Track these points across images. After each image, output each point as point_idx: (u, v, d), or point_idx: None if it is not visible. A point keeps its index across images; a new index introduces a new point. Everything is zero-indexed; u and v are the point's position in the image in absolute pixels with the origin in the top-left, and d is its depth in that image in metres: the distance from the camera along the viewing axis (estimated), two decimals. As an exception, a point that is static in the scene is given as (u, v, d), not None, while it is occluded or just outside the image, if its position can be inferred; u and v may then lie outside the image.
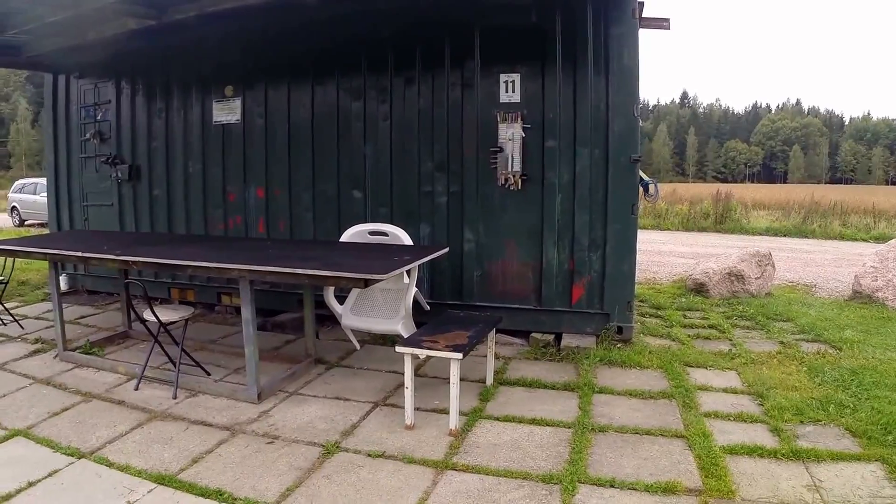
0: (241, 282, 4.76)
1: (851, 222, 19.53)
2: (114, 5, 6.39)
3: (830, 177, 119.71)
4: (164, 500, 3.52)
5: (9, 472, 3.82)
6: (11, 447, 4.23)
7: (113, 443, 4.27)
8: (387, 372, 5.63)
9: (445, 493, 3.53)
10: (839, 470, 3.70)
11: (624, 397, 4.95)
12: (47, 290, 9.58)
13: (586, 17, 5.99)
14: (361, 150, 6.90)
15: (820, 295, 9.19)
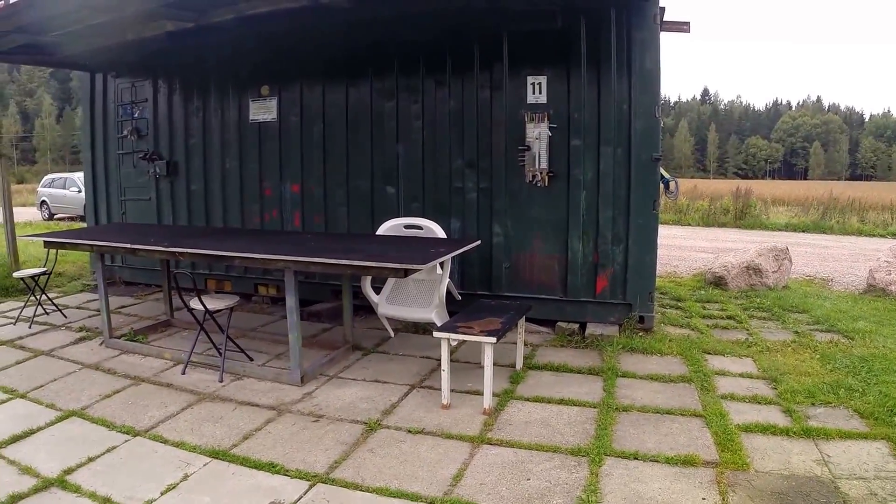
0: (286, 272, 5.14)
1: (869, 218, 19.66)
2: (157, 9, 6.76)
3: (850, 173, 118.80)
4: (219, 471, 3.89)
5: (69, 449, 4.19)
6: (68, 426, 4.62)
7: (165, 422, 4.66)
8: (420, 357, 6.01)
9: (482, 463, 3.89)
10: (847, 447, 4.01)
11: (645, 381, 5.29)
12: (84, 281, 10.07)
13: (610, 23, 6.31)
14: (394, 148, 7.28)
15: (836, 289, 9.45)
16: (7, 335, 7.07)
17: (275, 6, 6.52)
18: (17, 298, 9.05)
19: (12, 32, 7.15)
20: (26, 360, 6.23)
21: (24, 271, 8.07)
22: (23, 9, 6.06)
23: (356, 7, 6.43)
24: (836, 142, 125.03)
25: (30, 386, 5.44)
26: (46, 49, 8.45)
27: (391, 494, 3.54)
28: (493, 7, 6.54)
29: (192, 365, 5.81)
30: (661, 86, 6.37)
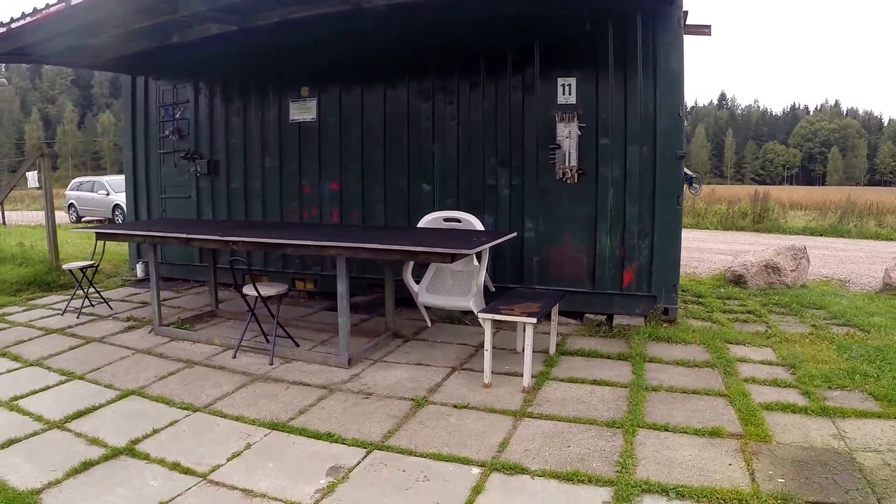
0: (338, 259, 5.56)
1: (887, 222, 19.88)
2: (206, 12, 7.21)
3: (869, 179, 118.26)
4: (280, 441, 4.28)
5: (132, 423, 4.59)
6: (128, 404, 5.02)
7: (222, 399, 5.07)
8: (458, 344, 6.42)
9: (525, 433, 4.29)
10: (862, 424, 4.37)
11: (671, 366, 5.67)
12: (123, 277, 10.52)
13: (636, 27, 6.70)
14: (430, 147, 7.71)
15: (852, 289, 9.75)
16: (57, 324, 7.51)
17: (317, 10, 6.96)
18: (59, 293, 9.53)
19: (66, 33, 7.57)
20: (79, 346, 6.66)
21: (73, 264, 8.52)
22: (83, 10, 6.43)
23: (394, 12, 6.89)
24: (855, 147, 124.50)
25: (86, 369, 5.86)
26: (93, 51, 8.91)
27: (444, 459, 3.93)
28: (525, 13, 6.95)
29: (241, 350, 6.22)
30: (684, 86, 6.76)
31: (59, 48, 8.30)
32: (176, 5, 6.84)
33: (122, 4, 6.64)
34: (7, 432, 4.38)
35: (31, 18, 6.85)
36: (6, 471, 3.82)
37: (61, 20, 6.76)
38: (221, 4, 6.82)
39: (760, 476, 3.62)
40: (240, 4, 6.83)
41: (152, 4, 6.79)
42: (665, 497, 3.41)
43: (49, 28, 7.01)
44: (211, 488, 3.64)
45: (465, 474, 3.72)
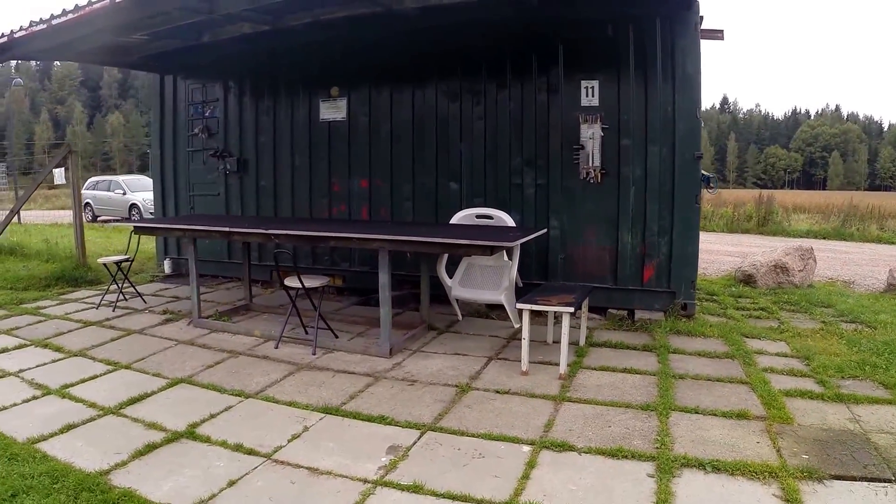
0: (380, 251, 5.92)
1: (889, 226, 20.35)
2: (242, 13, 7.57)
3: (869, 184, 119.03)
4: (335, 424, 4.63)
5: (187, 408, 4.88)
6: (179, 391, 5.35)
7: (272, 386, 5.41)
8: (489, 336, 6.82)
9: (567, 415, 4.68)
10: (874, 409, 4.76)
11: (694, 356, 6.06)
12: (152, 273, 10.86)
13: (655, 31, 7.08)
14: (458, 147, 8.10)
15: (857, 290, 10.16)
16: (94, 317, 7.86)
17: (349, 12, 7.36)
18: (88, 288, 9.92)
19: (106, 31, 7.78)
20: (120, 337, 7.01)
21: (108, 258, 8.86)
22: (129, 7, 6.72)
23: (422, 14, 7.28)
24: (855, 151, 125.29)
25: (131, 359, 6.18)
26: (123, 50, 9.26)
27: (495, 438, 4.30)
28: (550, 17, 7.34)
29: (283, 341, 6.57)
30: (701, 89, 7.16)
31: (94, 46, 8.63)
32: (214, 4, 7.18)
33: (166, 3, 6.95)
34: (64, 418, 4.66)
35: (74, 15, 7.06)
36: (70, 454, 4.07)
37: (105, 16, 6.97)
38: (259, 5, 7.17)
39: (786, 453, 4.00)
40: (276, 5, 7.19)
41: (193, 4, 7.12)
42: (702, 471, 3.79)
43: (92, 24, 7.24)
44: (277, 467, 3.95)
45: (517, 452, 4.09)
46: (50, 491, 3.59)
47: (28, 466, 3.87)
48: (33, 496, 3.53)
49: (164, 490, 3.65)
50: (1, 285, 10.01)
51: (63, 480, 3.70)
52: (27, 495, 3.54)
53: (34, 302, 8.82)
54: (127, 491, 3.61)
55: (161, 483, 3.73)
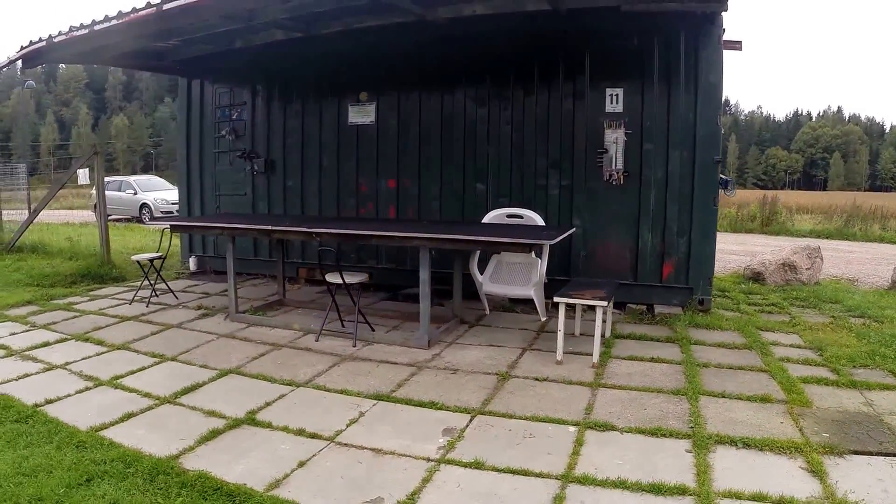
0: (421, 249, 6.37)
1: (891, 226, 20.98)
2: (279, 21, 8.01)
3: (870, 185, 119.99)
4: (388, 409, 5.04)
5: (242, 397, 5.22)
6: (230, 381, 5.69)
7: (320, 376, 5.81)
8: (519, 329, 7.29)
9: (605, 400, 5.15)
10: (886, 395, 5.24)
11: (714, 347, 6.55)
12: (176, 270, 11.29)
13: (679, 43, 7.56)
14: (485, 150, 8.57)
15: (862, 287, 10.68)
16: (129, 312, 8.28)
17: (382, 21, 7.80)
18: (115, 284, 10.34)
19: (143, 37, 8.22)
20: (160, 331, 7.41)
21: (142, 255, 9.31)
22: (175, 14, 6.99)
23: (453, 24, 7.76)
24: (857, 153, 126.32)
25: (175, 351, 6.53)
26: (155, 55, 9.70)
27: (541, 420, 4.75)
28: (577, 27, 7.81)
29: (322, 334, 7.00)
30: (722, 97, 7.66)
31: (128, 50, 9.07)
32: (254, 14, 7.64)
33: (209, 11, 7.38)
34: (122, 407, 4.97)
35: (118, 21, 7.37)
36: (135, 441, 4.33)
37: (149, 23, 7.30)
38: (297, 14, 7.61)
39: (808, 431, 4.48)
40: (312, 14, 7.65)
41: (233, 12, 7.56)
42: (734, 447, 4.27)
43: (135, 30, 7.58)
44: (341, 449, 4.33)
45: (564, 432, 4.55)
46: (125, 475, 3.87)
47: (98, 453, 4.14)
48: (109, 480, 3.80)
49: (236, 472, 3.93)
50: (28, 282, 10.45)
51: (136, 465, 3.98)
52: (102, 480, 3.81)
53: (64, 298, 9.21)
54: (201, 473, 3.87)
55: (232, 465, 4.02)
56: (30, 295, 9.29)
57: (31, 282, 10.47)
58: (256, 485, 3.77)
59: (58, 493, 3.63)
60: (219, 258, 10.67)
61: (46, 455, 4.13)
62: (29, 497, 3.59)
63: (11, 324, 7.69)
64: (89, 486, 3.73)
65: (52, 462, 4.02)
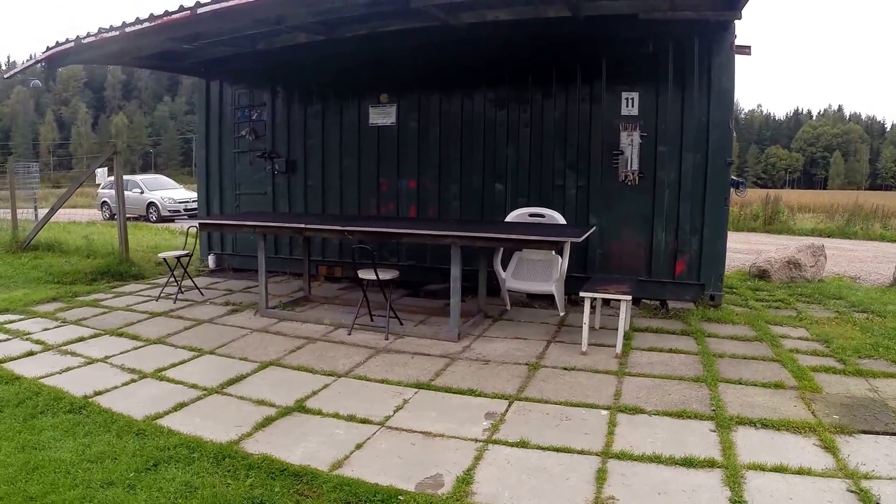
0: (452, 247, 6.85)
1: (892, 225, 21.67)
2: (308, 24, 8.47)
3: (871, 184, 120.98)
4: (430, 397, 5.49)
5: (287, 387, 5.60)
6: (272, 373, 6.04)
7: (359, 367, 6.24)
8: (540, 323, 7.80)
9: (630, 386, 5.64)
10: (890, 382, 5.74)
11: (727, 340, 7.06)
12: (195, 268, 11.66)
13: (693, 49, 8.07)
14: (504, 151, 9.08)
15: (864, 284, 11.21)
16: (158, 308, 8.69)
17: (407, 25, 8.26)
18: (135, 282, 10.76)
19: (172, 39, 8.67)
20: (192, 326, 7.81)
21: (168, 253, 9.76)
22: (207, 18, 7.42)
23: (474, 28, 8.24)
24: (857, 151, 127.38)
25: (212, 345, 6.91)
26: (177, 56, 10.14)
27: (574, 405, 5.24)
28: (595, 33, 8.29)
29: (354, 328, 7.44)
30: (734, 102, 8.18)
31: (153, 52, 9.53)
32: (283, 17, 8.08)
33: (242, 16, 7.78)
34: (172, 398, 5.31)
35: (149, 24, 7.78)
36: (192, 429, 4.66)
37: (178, 26, 7.77)
38: (326, 18, 8.07)
39: (819, 413, 4.99)
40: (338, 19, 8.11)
41: (264, 17, 8.00)
42: (753, 427, 4.76)
43: (165, 32, 8.08)
44: (393, 432, 4.73)
45: (597, 415, 5.04)
46: (191, 459, 4.18)
47: (159, 440, 4.47)
48: (175, 465, 4.11)
49: (298, 454, 4.27)
50: (48, 279, 10.89)
51: (199, 450, 4.29)
52: (168, 464, 4.11)
53: (88, 295, 9.60)
54: (265, 456, 4.21)
55: (293, 448, 4.36)
56: (53, 292, 9.66)
57: (52, 279, 10.90)
58: (320, 465, 4.14)
59: (128, 477, 3.95)
60: (237, 256, 11.15)
61: (108, 443, 4.46)
62: (100, 482, 3.90)
63: (42, 320, 8.07)
64: (157, 471, 4.05)
65: (115, 449, 4.35)
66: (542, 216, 8.22)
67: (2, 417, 4.92)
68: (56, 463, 4.15)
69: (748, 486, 3.86)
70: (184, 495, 3.77)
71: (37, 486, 3.85)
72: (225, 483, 3.90)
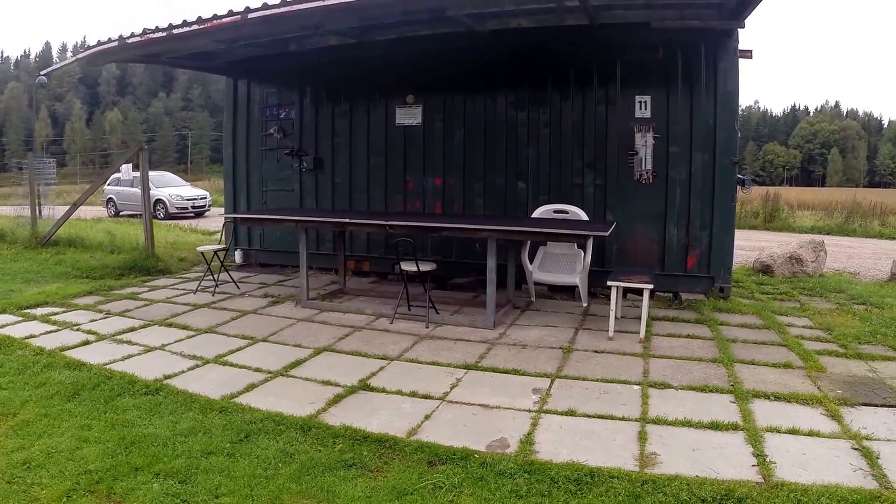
0: (489, 240, 7.62)
1: (890, 222, 22.64)
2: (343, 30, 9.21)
3: (869, 181, 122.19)
4: (479, 376, 6.24)
5: (345, 369, 6.25)
6: (327, 358, 6.70)
7: (408, 352, 6.93)
8: (566, 313, 8.62)
9: (656, 367, 6.45)
10: (887, 364, 6.57)
11: (738, 327, 7.90)
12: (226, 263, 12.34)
13: (700, 54, 8.90)
14: (525, 150, 9.90)
15: (863, 279, 12.07)
16: (199, 300, 9.35)
17: (435, 31, 9.05)
18: (166, 276, 11.47)
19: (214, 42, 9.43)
20: (238, 317, 8.42)
21: (206, 247, 10.48)
22: (254, 23, 8.08)
23: (498, 35, 9.05)
24: (855, 148, 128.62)
25: (263, 334, 7.55)
26: (209, 57, 10.88)
27: (609, 381, 6.04)
28: (609, 39, 9.13)
29: (395, 318, 8.17)
30: (738, 104, 9.02)
31: (189, 52, 10.27)
32: (323, 23, 8.82)
33: (289, 22, 8.41)
34: (241, 380, 5.92)
35: (197, 27, 8.44)
36: (270, 405, 5.26)
37: (225, 30, 8.45)
38: (363, 24, 8.84)
39: (825, 389, 5.81)
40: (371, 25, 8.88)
41: (310, 23, 8.73)
42: (767, 399, 5.58)
43: (210, 36, 8.78)
44: (454, 405, 5.38)
45: (631, 389, 5.85)
46: (278, 431, 4.78)
47: (243, 416, 5.07)
48: (265, 436, 4.69)
49: (374, 425, 4.91)
50: (76, 274, 11.52)
51: (285, 423, 4.90)
52: (259, 436, 4.69)
53: (122, 289, 10.26)
54: (346, 426, 4.83)
55: (368, 420, 5.00)
56: (86, 286, 10.26)
57: (80, 274, 11.52)
58: (397, 433, 4.79)
59: (225, 447, 4.53)
60: (263, 251, 11.92)
61: (194, 419, 5.03)
62: (200, 451, 4.46)
63: (85, 312, 8.58)
64: (250, 441, 4.64)
65: (204, 424, 4.92)
66: (566, 212, 9.04)
67: (83, 399, 5.48)
68: (151, 438, 4.71)
69: (767, 444, 4.66)
70: (282, 460, 4.39)
71: (140, 458, 4.40)
72: (316, 449, 4.54)
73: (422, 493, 3.99)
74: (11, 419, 5.11)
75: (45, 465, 4.35)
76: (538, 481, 4.10)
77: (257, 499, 3.95)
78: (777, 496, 3.89)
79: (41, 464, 4.36)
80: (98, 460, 4.41)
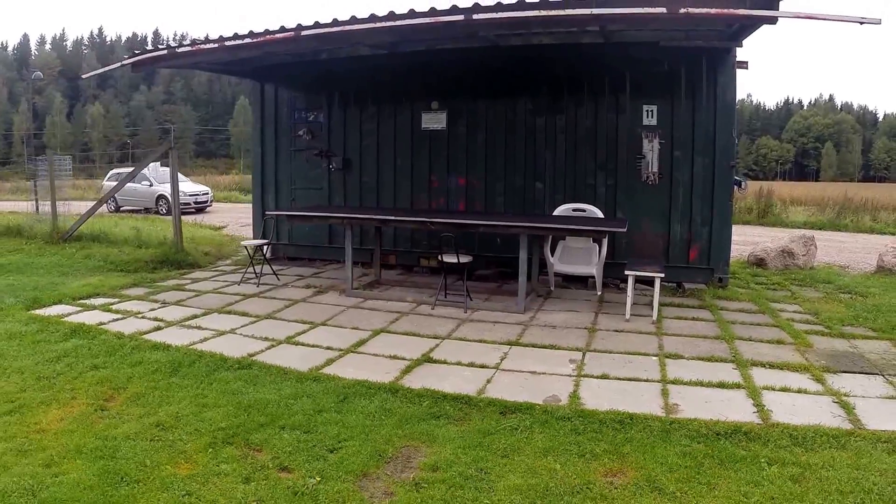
0: (521, 236, 8.98)
1: (882, 218, 24.20)
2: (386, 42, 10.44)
3: (863, 175, 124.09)
4: (521, 350, 7.52)
5: (404, 347, 7.39)
6: (385, 338, 7.84)
7: (455, 332, 8.12)
8: (584, 300, 10.04)
9: (669, 343, 7.85)
10: (866, 342, 7.99)
11: (736, 312, 9.37)
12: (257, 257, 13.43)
13: (702, 69, 10.34)
14: (542, 153, 11.33)
15: (851, 272, 13.53)
16: (248, 291, 10.41)
17: (461, 45, 10.38)
18: (201, 270, 12.62)
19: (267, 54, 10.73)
20: (291, 305, 9.52)
21: (250, 241, 11.78)
22: (307, 38, 9.35)
23: (520, 48, 10.43)
24: (849, 142, 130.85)
25: (320, 319, 8.66)
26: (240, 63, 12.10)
27: (632, 353, 7.41)
28: (620, 54, 10.57)
29: (436, 304, 9.48)
30: (736, 112, 10.49)
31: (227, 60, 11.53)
32: (364, 41, 10.15)
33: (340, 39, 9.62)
34: (318, 356, 6.98)
35: (251, 40, 9.60)
36: (353, 375, 6.32)
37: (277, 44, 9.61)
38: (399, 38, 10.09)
39: (811, 360, 7.23)
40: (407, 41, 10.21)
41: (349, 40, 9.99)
42: (763, 367, 6.98)
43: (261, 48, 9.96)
44: (507, 373, 6.60)
45: (649, 360, 7.26)
46: (370, 394, 5.87)
47: (334, 383, 6.11)
48: (360, 398, 5.75)
49: (447, 387, 6.03)
50: (109, 268, 12.56)
51: (373, 388, 5.99)
52: (355, 398, 5.75)
53: (164, 281, 11.34)
54: (425, 388, 5.98)
55: (441, 384, 6.12)
56: (127, 279, 11.30)
57: (114, 268, 12.56)
58: (469, 392, 5.97)
59: (331, 406, 5.60)
60: (292, 245, 13.24)
61: (294, 387, 6.03)
62: (311, 410, 5.49)
63: (139, 302, 9.54)
64: (349, 401, 5.70)
65: (304, 390, 5.95)
66: (584, 210, 10.47)
67: (185, 374, 6.41)
68: (263, 402, 5.68)
69: (764, 398, 6.09)
70: (383, 414, 5.49)
71: (261, 417, 5.36)
72: (407, 406, 5.67)
73: (503, 433, 5.32)
74: (124, 392, 5.99)
75: (177, 426, 5.24)
76: (590, 422, 5.50)
77: (374, 441, 4.99)
78: (774, 431, 5.31)
79: (173, 425, 5.25)
80: (224, 420, 5.34)
